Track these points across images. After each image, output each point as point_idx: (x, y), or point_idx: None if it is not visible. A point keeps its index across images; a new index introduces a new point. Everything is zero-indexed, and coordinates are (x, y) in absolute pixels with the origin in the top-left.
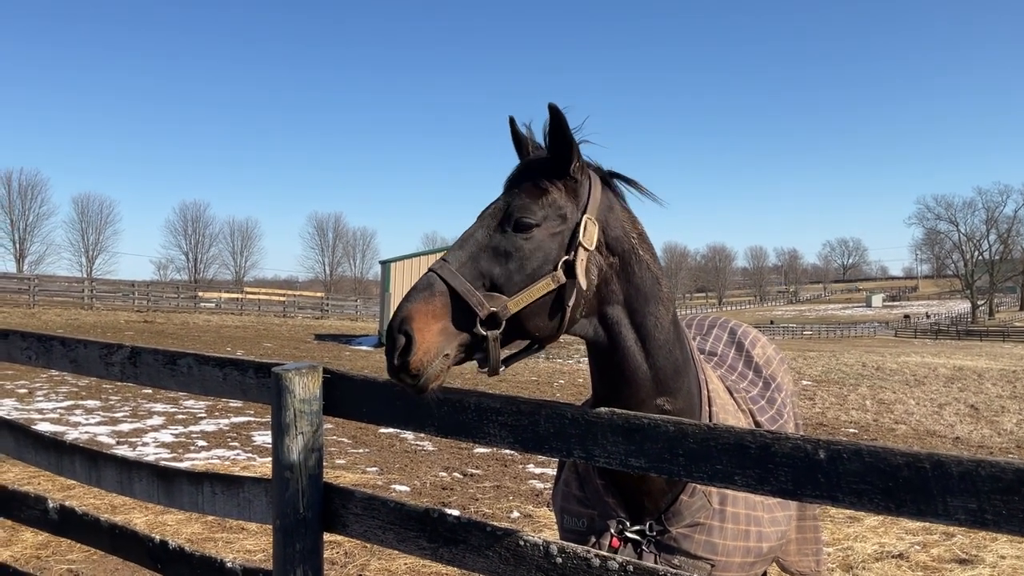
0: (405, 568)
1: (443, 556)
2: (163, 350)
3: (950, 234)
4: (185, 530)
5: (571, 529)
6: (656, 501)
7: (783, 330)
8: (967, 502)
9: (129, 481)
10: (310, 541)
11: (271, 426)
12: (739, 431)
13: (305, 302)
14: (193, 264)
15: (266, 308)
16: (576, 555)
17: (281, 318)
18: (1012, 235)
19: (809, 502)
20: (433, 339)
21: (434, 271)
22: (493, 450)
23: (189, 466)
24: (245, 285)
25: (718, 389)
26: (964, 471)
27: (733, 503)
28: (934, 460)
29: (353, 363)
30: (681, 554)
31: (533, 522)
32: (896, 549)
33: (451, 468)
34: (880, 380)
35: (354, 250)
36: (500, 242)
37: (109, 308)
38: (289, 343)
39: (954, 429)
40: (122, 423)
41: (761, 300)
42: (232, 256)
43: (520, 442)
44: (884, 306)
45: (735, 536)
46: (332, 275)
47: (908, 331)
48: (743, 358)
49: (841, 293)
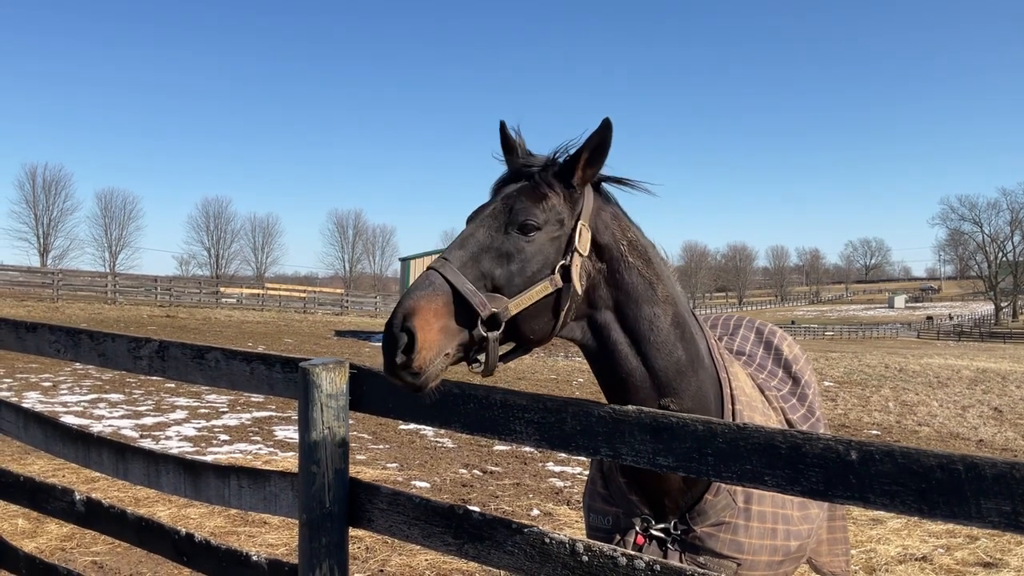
0: (426, 564)
1: (468, 552)
2: (191, 344)
3: (974, 235)
4: (208, 524)
5: (596, 527)
6: (677, 500)
7: (804, 330)
8: (1001, 504)
9: (156, 474)
10: (336, 536)
11: (298, 420)
12: (769, 431)
13: (325, 298)
14: (215, 260)
15: (287, 304)
16: (603, 553)
17: (301, 314)
18: None
19: (840, 503)
20: (435, 337)
21: (435, 269)
22: (512, 447)
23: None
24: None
25: (743, 386)
26: (999, 473)
27: (759, 502)
28: (968, 462)
29: (373, 359)
30: (706, 553)
31: (553, 520)
32: (920, 552)
33: (471, 465)
34: (903, 382)
35: (374, 247)
36: (503, 243)
37: (132, 303)
38: (309, 339)
39: (978, 432)
40: (145, 417)
41: (782, 300)
42: (253, 252)
43: (547, 439)
44: (907, 307)
45: (761, 535)
46: (352, 272)
47: (931, 332)
48: (772, 356)
49: (863, 294)
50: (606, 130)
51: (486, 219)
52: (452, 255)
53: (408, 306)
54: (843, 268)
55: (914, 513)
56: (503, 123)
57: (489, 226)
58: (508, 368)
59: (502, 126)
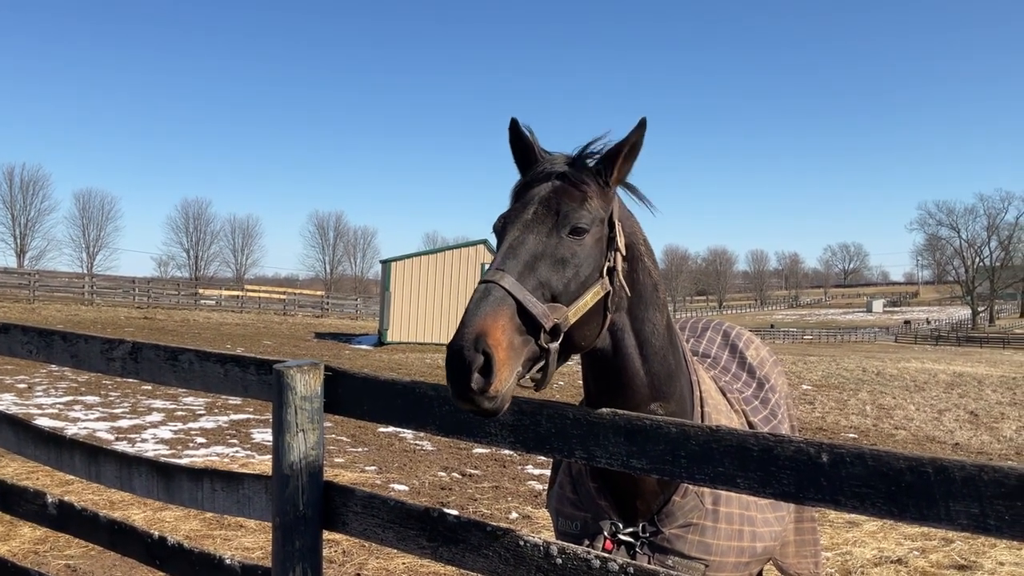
0: (403, 567)
1: (443, 555)
2: (164, 346)
3: (951, 240)
4: (183, 527)
5: (565, 531)
6: (649, 503)
7: (783, 334)
8: (970, 507)
9: (129, 477)
10: (310, 539)
11: (272, 423)
12: (741, 434)
13: (305, 300)
14: (194, 261)
15: (266, 306)
16: (576, 556)
17: (281, 316)
18: (1013, 242)
19: (811, 505)
20: (508, 356)
21: (495, 282)
22: (492, 450)
23: (188, 463)
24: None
25: (710, 390)
26: (967, 476)
27: (727, 503)
28: (937, 465)
29: (353, 362)
30: (674, 555)
31: (532, 523)
32: (895, 554)
33: (450, 468)
34: (880, 385)
35: (355, 249)
36: (556, 249)
37: (109, 304)
38: (289, 341)
39: (954, 435)
40: (121, 419)
41: (762, 304)
42: (233, 254)
43: (521, 442)
44: (885, 311)
45: (728, 536)
46: (333, 274)
47: (908, 337)
48: (737, 360)
49: (842, 298)
50: (642, 129)
51: (532, 224)
52: (506, 265)
53: (479, 324)
54: (822, 272)
55: (884, 515)
56: (515, 121)
57: (538, 231)
58: None
59: (514, 124)
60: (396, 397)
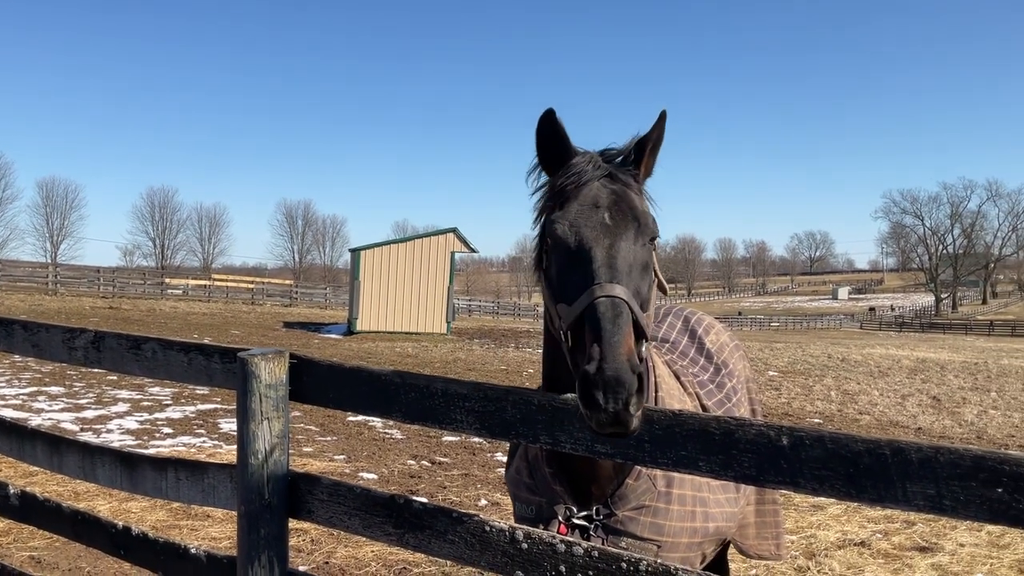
0: (372, 555)
1: (409, 542)
2: (127, 335)
3: (915, 228)
4: (150, 517)
5: (522, 516)
6: (603, 487)
7: (751, 321)
8: (926, 488)
9: (92, 467)
10: (275, 527)
11: (236, 412)
12: (704, 417)
13: (274, 289)
14: (160, 250)
15: (234, 295)
16: (542, 541)
17: (249, 305)
18: (975, 230)
19: (772, 487)
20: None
21: (620, 298)
22: (462, 438)
23: (154, 453)
24: (213, 272)
25: (664, 375)
26: (923, 457)
27: (679, 485)
28: (894, 447)
29: (323, 351)
30: (627, 536)
31: (500, 510)
32: (858, 537)
33: (419, 456)
34: (845, 371)
35: (324, 238)
36: (639, 255)
37: (74, 294)
38: (257, 330)
39: (916, 420)
40: (86, 410)
41: (730, 292)
42: (200, 243)
43: (487, 428)
44: (850, 298)
45: (681, 517)
46: (302, 263)
47: (873, 323)
48: (696, 345)
49: (808, 285)
50: (663, 122)
51: (617, 230)
52: (616, 276)
53: (627, 345)
54: (789, 260)
55: (843, 497)
56: (553, 111)
57: (627, 238)
58: (459, 359)
59: (551, 115)
60: (361, 385)
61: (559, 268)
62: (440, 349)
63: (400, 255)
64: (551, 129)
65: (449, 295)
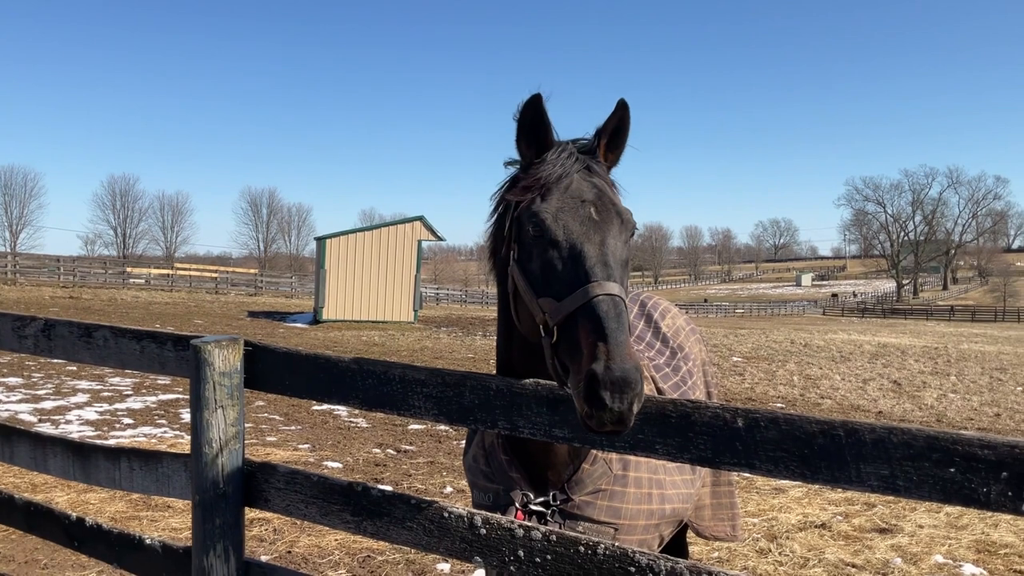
0: (336, 544)
1: (367, 529)
2: (78, 323)
3: (877, 215)
4: (108, 508)
5: (479, 504)
6: (560, 472)
7: (716, 308)
8: (880, 468)
9: (44, 458)
10: (231, 516)
11: (190, 400)
12: (660, 400)
13: (238, 278)
14: (122, 239)
15: (198, 284)
16: (500, 526)
17: (213, 295)
18: (936, 217)
19: (727, 469)
20: None
21: (618, 296)
22: (427, 426)
23: (115, 444)
24: (176, 261)
25: None
26: (877, 438)
27: (635, 468)
28: (848, 428)
29: (287, 340)
30: (584, 520)
31: (466, 497)
32: (819, 519)
33: (384, 445)
34: (807, 356)
35: (289, 226)
36: (623, 252)
37: (34, 284)
38: (221, 320)
39: (877, 404)
40: (45, 400)
41: (696, 279)
42: (162, 231)
43: (445, 414)
44: (813, 285)
45: (638, 500)
46: (267, 251)
47: (836, 309)
48: (652, 329)
49: (772, 272)
50: (623, 111)
51: (605, 226)
52: (611, 274)
53: (630, 345)
54: (754, 248)
55: (797, 478)
56: (540, 97)
57: (614, 235)
58: (426, 348)
59: (538, 100)
60: (318, 372)
61: (543, 261)
62: (407, 338)
63: (367, 243)
64: (536, 116)
65: (416, 283)
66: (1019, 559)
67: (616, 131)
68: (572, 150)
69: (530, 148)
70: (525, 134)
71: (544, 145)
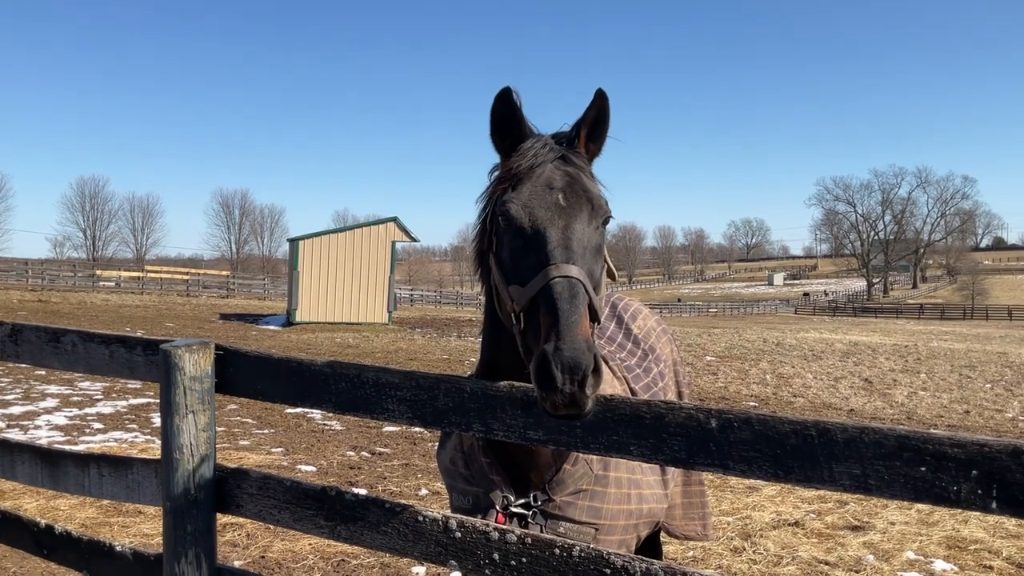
0: (310, 548)
1: (340, 534)
2: (46, 327)
3: (848, 215)
4: (79, 515)
5: (459, 507)
6: (542, 474)
7: (690, 308)
8: (851, 468)
9: (11, 464)
10: (202, 523)
11: (160, 405)
12: (635, 402)
13: (210, 281)
14: (91, 242)
15: (169, 287)
16: (475, 529)
17: (185, 297)
18: (906, 216)
19: (701, 470)
20: None
21: (575, 278)
22: (402, 428)
23: (84, 449)
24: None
25: None
26: (849, 438)
27: (615, 468)
28: (820, 427)
29: (260, 343)
30: (566, 521)
31: (441, 499)
32: (792, 517)
33: (359, 447)
34: (780, 355)
35: (262, 228)
36: (593, 237)
37: (1, 287)
38: (193, 323)
39: (849, 402)
40: (13, 406)
41: (669, 279)
42: (133, 233)
43: (420, 417)
44: (785, 284)
45: (618, 500)
46: (239, 253)
47: (807, 308)
48: (623, 330)
49: (745, 272)
50: (601, 100)
51: (572, 211)
52: (571, 257)
53: (584, 326)
54: (726, 247)
55: (770, 478)
56: (510, 89)
57: (582, 220)
58: (400, 349)
59: (507, 93)
60: (291, 375)
61: (512, 249)
62: (382, 339)
63: (340, 245)
64: (507, 110)
65: (390, 285)
66: (989, 555)
67: (596, 121)
68: (548, 141)
69: (504, 141)
70: (498, 128)
71: (519, 138)
